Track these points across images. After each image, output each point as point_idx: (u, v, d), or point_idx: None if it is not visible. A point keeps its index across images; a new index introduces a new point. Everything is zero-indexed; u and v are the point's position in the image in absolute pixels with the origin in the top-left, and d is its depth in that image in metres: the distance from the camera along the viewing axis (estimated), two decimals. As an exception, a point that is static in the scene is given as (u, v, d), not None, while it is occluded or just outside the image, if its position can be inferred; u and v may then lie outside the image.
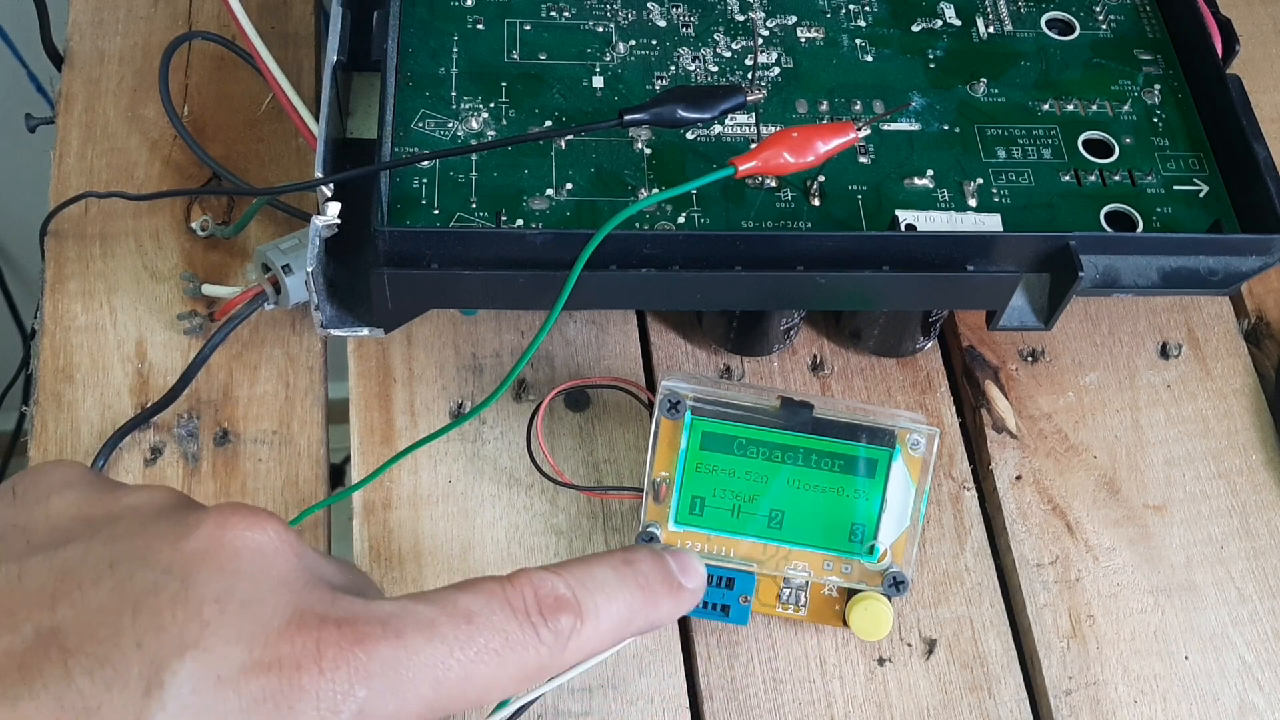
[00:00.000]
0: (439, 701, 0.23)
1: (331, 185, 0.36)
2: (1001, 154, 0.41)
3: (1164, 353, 0.44)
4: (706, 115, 0.38)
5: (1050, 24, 0.45)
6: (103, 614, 0.22)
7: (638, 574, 0.29)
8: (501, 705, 0.35)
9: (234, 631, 0.22)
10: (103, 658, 0.21)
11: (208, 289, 0.42)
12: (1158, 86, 0.43)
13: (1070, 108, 0.43)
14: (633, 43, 0.42)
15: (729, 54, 0.43)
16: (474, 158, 0.39)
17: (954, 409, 0.43)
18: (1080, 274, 0.36)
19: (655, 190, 0.39)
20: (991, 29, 0.44)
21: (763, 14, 0.44)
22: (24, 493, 0.25)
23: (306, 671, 0.22)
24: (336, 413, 0.42)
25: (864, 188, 0.40)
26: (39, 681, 0.21)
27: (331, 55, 0.38)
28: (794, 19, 0.44)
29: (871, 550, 0.36)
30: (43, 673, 0.21)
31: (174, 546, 0.23)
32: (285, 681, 0.22)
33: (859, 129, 0.37)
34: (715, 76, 0.42)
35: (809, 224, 0.39)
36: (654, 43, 0.43)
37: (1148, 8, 0.46)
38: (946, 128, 0.42)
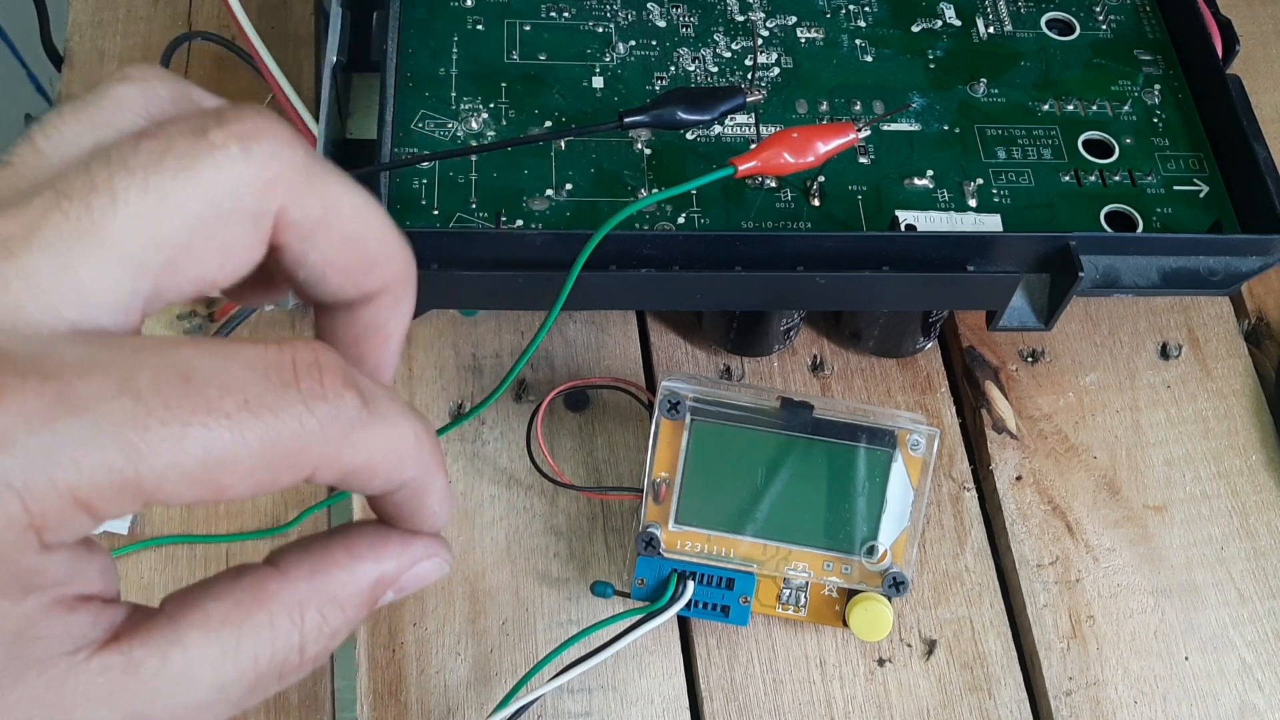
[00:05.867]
0: (138, 479, 0.17)
1: (331, 185, 0.35)
2: (1001, 154, 0.41)
3: (1164, 353, 0.44)
4: (706, 116, 0.38)
5: (1050, 24, 0.45)
6: None
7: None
8: (502, 705, 0.35)
9: None
10: None
11: (208, 289, 0.42)
12: (1158, 86, 0.43)
13: (1070, 108, 0.43)
14: (633, 43, 0.42)
15: (729, 54, 0.43)
16: (473, 158, 0.39)
17: (954, 409, 0.43)
18: (1080, 274, 0.36)
19: (655, 190, 0.39)
20: (991, 29, 0.44)
21: (763, 14, 0.44)
22: None
23: None
24: (336, 413, 0.42)
25: (864, 188, 0.40)
26: None
27: (331, 55, 0.38)
28: (794, 19, 0.44)
29: (871, 550, 0.36)
30: None
31: None
32: None
33: (859, 129, 0.37)
34: (715, 77, 0.42)
35: (809, 224, 0.39)
36: (654, 43, 0.43)
37: (1148, 8, 0.46)
38: (946, 128, 0.42)
